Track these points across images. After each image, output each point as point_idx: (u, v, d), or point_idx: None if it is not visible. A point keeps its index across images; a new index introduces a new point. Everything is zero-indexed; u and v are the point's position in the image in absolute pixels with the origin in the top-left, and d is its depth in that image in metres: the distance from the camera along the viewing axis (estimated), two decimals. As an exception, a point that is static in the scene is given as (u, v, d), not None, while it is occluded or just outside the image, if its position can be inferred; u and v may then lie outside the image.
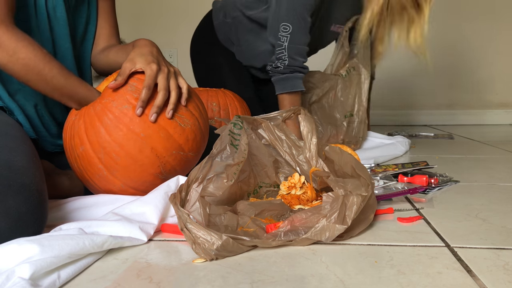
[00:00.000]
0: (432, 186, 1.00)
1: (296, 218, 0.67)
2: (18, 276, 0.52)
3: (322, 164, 0.84)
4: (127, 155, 0.82)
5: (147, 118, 0.82)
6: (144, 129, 0.82)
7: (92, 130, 0.82)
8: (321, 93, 1.42)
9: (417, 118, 2.56)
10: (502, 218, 0.79)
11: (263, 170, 0.88)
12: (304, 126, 0.86)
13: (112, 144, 0.81)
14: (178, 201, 0.68)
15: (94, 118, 0.83)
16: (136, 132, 0.82)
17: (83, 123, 0.84)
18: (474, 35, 2.48)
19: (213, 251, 0.61)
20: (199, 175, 0.74)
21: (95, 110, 0.84)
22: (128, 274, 0.59)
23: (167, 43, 2.64)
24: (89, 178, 0.86)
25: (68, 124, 0.89)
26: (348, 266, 0.60)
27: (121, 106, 0.82)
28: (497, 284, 0.54)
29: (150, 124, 0.82)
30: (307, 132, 0.86)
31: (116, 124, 0.82)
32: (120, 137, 0.81)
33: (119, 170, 0.83)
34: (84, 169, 0.85)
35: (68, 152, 0.88)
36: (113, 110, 0.82)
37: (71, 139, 0.86)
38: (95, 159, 0.83)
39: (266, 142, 0.89)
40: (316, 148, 0.85)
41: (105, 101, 0.84)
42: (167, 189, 0.79)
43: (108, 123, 0.82)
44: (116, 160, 0.82)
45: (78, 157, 0.85)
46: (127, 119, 0.82)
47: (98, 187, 0.87)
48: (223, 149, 0.78)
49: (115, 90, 0.84)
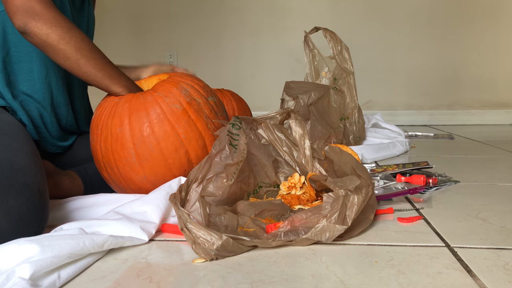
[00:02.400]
0: (430, 186, 1.00)
1: (296, 218, 0.67)
2: (18, 276, 0.52)
3: (318, 168, 0.84)
4: (162, 150, 0.84)
5: (192, 123, 0.86)
6: (187, 132, 0.86)
7: (136, 116, 0.85)
8: (317, 96, 1.43)
9: (417, 118, 2.56)
10: (502, 218, 0.79)
11: (263, 170, 0.88)
12: (295, 131, 0.86)
13: (152, 135, 0.84)
14: (178, 201, 0.68)
15: (142, 106, 0.85)
16: (178, 132, 0.85)
17: (128, 108, 0.86)
18: (474, 35, 2.48)
19: (213, 251, 0.61)
20: (198, 175, 0.74)
21: (145, 99, 0.86)
22: (128, 274, 0.59)
23: (167, 43, 2.64)
24: (113, 160, 0.87)
25: (109, 104, 0.89)
26: (348, 266, 0.60)
27: (172, 104, 0.86)
28: (497, 284, 0.54)
29: (193, 129, 0.86)
30: (300, 137, 0.86)
31: (162, 119, 0.85)
32: (163, 131, 0.84)
33: (149, 161, 0.85)
34: (113, 150, 0.86)
35: (99, 129, 0.88)
36: (163, 105, 0.86)
37: (110, 118, 0.87)
38: (130, 144, 0.84)
39: (266, 142, 0.89)
40: (310, 151, 0.85)
41: (157, 95, 0.87)
42: (168, 189, 0.79)
43: (155, 115, 0.85)
44: (151, 151, 0.84)
45: (112, 136, 0.86)
46: (174, 118, 0.85)
47: (119, 172, 0.87)
48: (222, 149, 0.78)
49: (167, 88, 0.87)
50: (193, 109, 0.88)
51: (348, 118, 1.50)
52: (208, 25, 2.60)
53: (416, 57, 2.53)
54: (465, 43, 2.50)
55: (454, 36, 2.50)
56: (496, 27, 2.47)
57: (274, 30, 2.58)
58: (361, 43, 2.48)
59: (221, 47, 2.63)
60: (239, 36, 2.61)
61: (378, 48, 2.53)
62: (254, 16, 2.59)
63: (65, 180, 0.94)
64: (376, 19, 2.52)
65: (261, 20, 2.58)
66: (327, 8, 2.54)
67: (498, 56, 2.50)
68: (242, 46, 2.61)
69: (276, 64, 2.59)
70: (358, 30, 2.51)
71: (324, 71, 1.51)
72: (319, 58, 1.52)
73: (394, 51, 2.53)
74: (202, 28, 2.60)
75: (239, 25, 2.60)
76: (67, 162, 1.01)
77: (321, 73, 1.51)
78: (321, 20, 2.45)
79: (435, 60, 2.53)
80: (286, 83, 1.43)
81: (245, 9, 2.58)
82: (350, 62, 1.51)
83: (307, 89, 1.38)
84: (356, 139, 1.51)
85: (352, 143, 1.49)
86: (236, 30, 2.60)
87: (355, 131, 1.51)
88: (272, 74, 2.59)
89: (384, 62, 2.55)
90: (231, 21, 2.60)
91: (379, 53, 2.54)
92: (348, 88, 1.50)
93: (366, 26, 2.52)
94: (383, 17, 2.51)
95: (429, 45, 2.52)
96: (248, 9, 2.58)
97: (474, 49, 2.50)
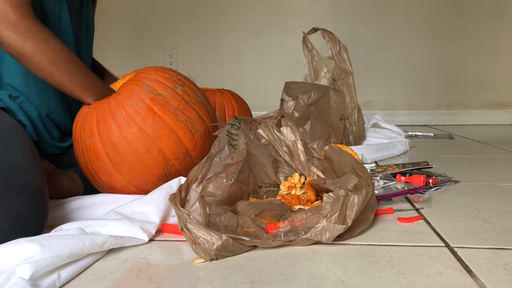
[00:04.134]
0: (430, 186, 1.00)
1: (296, 218, 0.67)
2: (18, 276, 0.52)
3: (315, 171, 0.84)
4: (134, 153, 0.83)
5: (159, 119, 0.83)
6: (155, 130, 0.83)
7: (103, 124, 0.83)
8: (317, 96, 1.43)
9: (417, 118, 2.56)
10: (502, 218, 0.79)
11: (263, 170, 0.88)
12: (287, 138, 0.86)
13: (122, 140, 0.82)
14: (178, 201, 0.68)
15: (108, 112, 0.84)
16: (147, 132, 0.83)
17: (95, 116, 0.85)
18: (475, 35, 2.48)
19: (213, 251, 0.61)
20: (198, 175, 0.74)
21: (109, 105, 0.85)
22: (128, 274, 0.59)
23: (167, 43, 2.64)
24: (93, 172, 0.87)
25: (80, 116, 0.89)
26: (348, 266, 0.60)
27: (136, 105, 0.84)
28: (497, 284, 0.54)
29: (161, 126, 0.83)
30: (292, 144, 0.86)
31: (128, 121, 0.83)
32: (130, 134, 0.82)
33: (124, 166, 0.83)
34: (91, 162, 0.86)
35: (76, 143, 0.89)
36: (127, 107, 0.84)
37: (82, 130, 0.86)
38: (103, 153, 0.83)
39: (266, 142, 0.89)
40: (305, 157, 0.85)
41: (120, 98, 0.85)
42: (168, 189, 0.79)
43: (121, 119, 0.83)
44: (123, 157, 0.83)
45: (86, 149, 0.85)
46: (139, 118, 0.83)
47: (102, 181, 0.87)
48: (221, 149, 0.78)
49: (130, 88, 0.86)
50: (159, 104, 0.84)
51: (348, 118, 1.50)
52: (208, 25, 2.60)
53: (416, 57, 2.53)
54: (465, 43, 2.50)
55: (454, 36, 2.50)
56: (497, 27, 2.47)
57: (274, 30, 2.58)
58: (361, 43, 2.49)
59: (221, 47, 2.63)
60: (239, 36, 2.61)
61: (378, 48, 2.53)
62: (254, 16, 2.59)
63: (65, 180, 0.94)
64: (376, 18, 2.52)
65: (261, 20, 2.58)
66: (327, 7, 2.54)
67: (498, 56, 2.50)
68: (242, 46, 2.61)
69: (277, 64, 2.59)
70: (358, 29, 2.51)
71: (323, 71, 1.51)
72: (318, 58, 1.52)
73: (394, 51, 2.53)
74: (202, 28, 2.60)
75: (239, 25, 2.60)
76: (67, 163, 1.01)
77: (320, 74, 1.51)
78: (321, 20, 2.45)
79: (435, 60, 2.53)
80: (286, 83, 1.43)
81: (245, 9, 2.58)
82: (349, 62, 1.51)
83: (306, 89, 1.38)
84: (356, 139, 1.51)
85: (352, 143, 1.50)
86: (236, 30, 2.60)
87: (355, 131, 1.51)
88: (272, 74, 2.59)
89: (384, 62, 2.55)
90: (231, 21, 2.60)
91: (379, 53, 2.54)
92: (348, 89, 1.50)
93: (366, 26, 2.52)
94: (383, 16, 2.51)
95: (429, 45, 2.52)
96: (248, 9, 2.58)
97: (474, 49, 2.50)
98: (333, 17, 2.53)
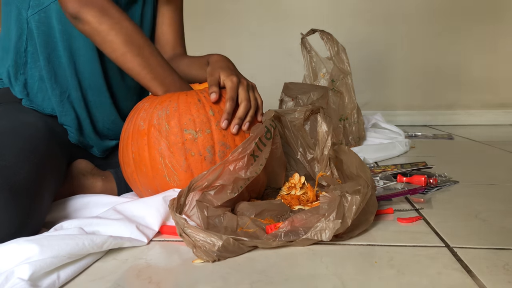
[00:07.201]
0: (431, 186, 1.00)
1: (296, 219, 0.67)
2: (17, 277, 0.52)
3: (332, 168, 0.83)
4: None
5: (227, 131, 0.80)
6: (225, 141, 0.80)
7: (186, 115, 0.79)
8: (317, 96, 1.43)
9: (417, 118, 2.56)
10: (502, 218, 0.79)
11: (273, 178, 0.87)
12: (321, 127, 0.83)
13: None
14: (175, 206, 0.68)
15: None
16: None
17: (177, 106, 0.80)
18: (475, 35, 2.48)
19: (215, 252, 0.61)
20: (204, 180, 0.72)
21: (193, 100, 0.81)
22: (128, 274, 0.59)
23: (167, 43, 2.64)
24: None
25: (155, 102, 0.83)
26: (348, 266, 0.60)
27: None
28: (497, 284, 0.54)
29: (232, 137, 0.81)
30: (322, 134, 0.83)
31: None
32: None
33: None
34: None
35: (142, 125, 0.82)
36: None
37: (161, 119, 0.80)
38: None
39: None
40: (328, 151, 0.83)
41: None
42: (172, 193, 0.78)
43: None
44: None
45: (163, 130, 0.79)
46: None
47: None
48: (240, 158, 0.73)
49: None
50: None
51: (347, 119, 1.50)
52: (208, 25, 2.60)
53: (416, 57, 2.53)
54: (465, 43, 2.50)
55: (454, 36, 2.50)
56: (497, 27, 2.47)
57: (274, 31, 2.58)
58: (361, 43, 2.48)
59: (221, 48, 2.62)
60: (239, 36, 2.61)
61: (378, 48, 2.53)
62: (254, 16, 2.59)
63: (98, 182, 0.91)
64: (375, 19, 2.52)
65: (261, 20, 2.58)
66: (327, 8, 2.54)
67: (498, 56, 2.50)
68: (243, 46, 2.61)
69: (277, 65, 2.59)
70: (358, 29, 2.51)
71: (322, 72, 1.51)
72: (316, 59, 1.52)
73: (394, 51, 2.53)
74: (202, 28, 2.60)
75: (239, 25, 2.60)
76: (110, 162, 1.00)
77: (319, 75, 1.51)
78: (321, 20, 2.45)
79: (435, 60, 2.53)
80: (285, 84, 1.43)
81: (245, 9, 2.58)
82: (347, 62, 1.51)
83: (306, 90, 1.38)
84: (356, 140, 1.51)
85: (352, 144, 1.50)
86: (237, 30, 2.60)
87: (355, 131, 1.51)
88: (272, 74, 2.59)
89: (384, 62, 2.55)
90: (231, 21, 2.60)
91: (378, 53, 2.54)
92: (346, 89, 1.50)
93: (366, 26, 2.52)
94: (383, 16, 2.51)
95: (429, 45, 2.52)
96: (248, 9, 2.58)
97: (474, 49, 2.50)
98: (333, 17, 2.53)
